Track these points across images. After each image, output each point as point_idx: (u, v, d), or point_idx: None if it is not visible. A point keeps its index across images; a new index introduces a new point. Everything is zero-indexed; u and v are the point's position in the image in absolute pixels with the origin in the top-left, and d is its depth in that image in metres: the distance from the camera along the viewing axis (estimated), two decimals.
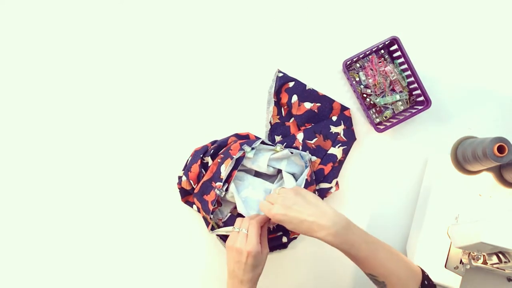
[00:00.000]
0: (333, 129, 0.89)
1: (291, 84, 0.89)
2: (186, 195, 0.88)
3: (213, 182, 0.83)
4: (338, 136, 0.89)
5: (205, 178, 0.83)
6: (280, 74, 0.90)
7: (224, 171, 0.81)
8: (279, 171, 0.87)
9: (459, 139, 0.84)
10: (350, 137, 0.89)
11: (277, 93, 0.90)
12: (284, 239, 0.87)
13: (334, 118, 0.89)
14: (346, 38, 0.93)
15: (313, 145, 0.88)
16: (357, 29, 0.93)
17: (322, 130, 0.88)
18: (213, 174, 0.83)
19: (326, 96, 0.90)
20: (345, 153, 0.89)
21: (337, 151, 0.88)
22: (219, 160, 0.83)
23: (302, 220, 0.67)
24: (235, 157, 0.81)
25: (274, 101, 0.91)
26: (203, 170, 0.85)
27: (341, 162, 0.89)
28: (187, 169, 0.86)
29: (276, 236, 0.87)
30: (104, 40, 0.92)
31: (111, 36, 0.92)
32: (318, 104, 0.89)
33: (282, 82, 0.90)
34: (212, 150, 0.85)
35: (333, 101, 0.90)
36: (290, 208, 0.69)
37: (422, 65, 0.90)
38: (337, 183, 0.88)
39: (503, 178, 0.82)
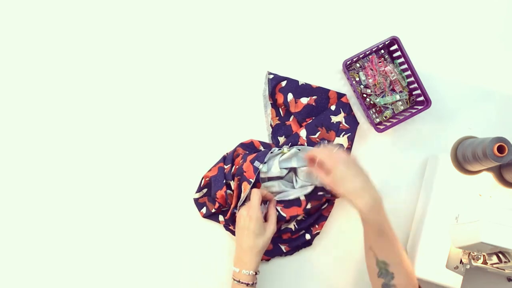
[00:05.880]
0: (334, 118, 0.88)
1: (283, 83, 0.89)
2: (211, 214, 0.89)
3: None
4: (341, 125, 0.88)
5: (232, 206, 0.85)
6: (271, 76, 0.90)
7: (243, 193, 0.83)
8: (289, 169, 0.86)
9: (459, 139, 0.84)
10: (352, 123, 0.89)
11: (272, 94, 0.90)
12: (307, 237, 0.87)
13: (333, 108, 0.89)
14: (346, 38, 0.93)
15: (317, 139, 0.88)
16: (357, 29, 0.93)
17: (323, 122, 0.88)
18: (238, 200, 0.85)
19: (320, 87, 0.90)
20: (351, 140, 0.89)
21: (342, 140, 0.88)
22: (238, 183, 0.85)
23: (358, 176, 0.72)
24: (253, 180, 0.82)
25: (271, 103, 0.91)
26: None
27: (348, 150, 0.89)
28: (212, 196, 0.86)
29: (299, 235, 0.87)
30: (106, 47, 0.92)
31: (112, 44, 0.92)
32: (315, 97, 0.89)
33: (275, 83, 0.89)
34: (231, 171, 0.86)
35: (328, 90, 0.90)
36: (353, 163, 0.74)
37: (422, 65, 0.90)
38: None
39: (503, 178, 0.82)
